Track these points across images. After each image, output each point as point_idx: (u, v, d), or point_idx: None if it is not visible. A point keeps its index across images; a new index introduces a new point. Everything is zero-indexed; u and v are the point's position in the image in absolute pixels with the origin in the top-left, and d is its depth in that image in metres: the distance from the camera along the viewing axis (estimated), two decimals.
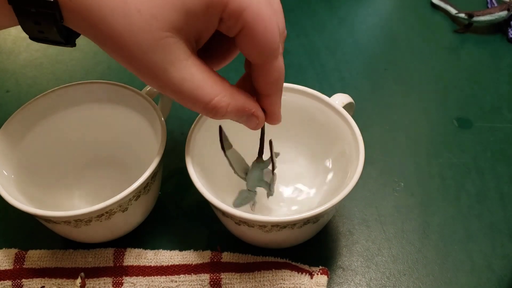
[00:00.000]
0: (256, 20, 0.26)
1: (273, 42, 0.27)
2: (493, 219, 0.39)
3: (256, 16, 0.25)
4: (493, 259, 0.37)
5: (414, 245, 0.38)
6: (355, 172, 0.32)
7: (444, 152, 0.44)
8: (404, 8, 0.62)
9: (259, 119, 0.30)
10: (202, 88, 0.27)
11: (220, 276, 0.34)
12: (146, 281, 0.35)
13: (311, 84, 0.47)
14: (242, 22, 0.26)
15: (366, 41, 0.57)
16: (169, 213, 0.40)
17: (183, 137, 0.35)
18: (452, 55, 0.55)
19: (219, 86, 0.28)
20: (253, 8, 0.25)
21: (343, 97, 0.38)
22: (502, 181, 0.42)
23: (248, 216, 0.30)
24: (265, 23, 0.26)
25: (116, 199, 0.31)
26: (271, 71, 0.28)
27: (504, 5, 0.55)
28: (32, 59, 0.54)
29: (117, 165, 0.41)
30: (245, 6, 0.25)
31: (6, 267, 0.35)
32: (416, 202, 0.41)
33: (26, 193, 0.35)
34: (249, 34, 0.26)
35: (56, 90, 0.38)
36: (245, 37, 0.26)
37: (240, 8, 0.25)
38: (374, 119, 0.48)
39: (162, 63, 0.26)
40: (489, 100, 0.49)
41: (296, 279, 0.33)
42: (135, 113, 0.38)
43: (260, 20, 0.26)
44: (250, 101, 0.30)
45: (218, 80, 0.28)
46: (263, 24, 0.26)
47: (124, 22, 0.24)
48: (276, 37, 0.27)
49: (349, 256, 0.37)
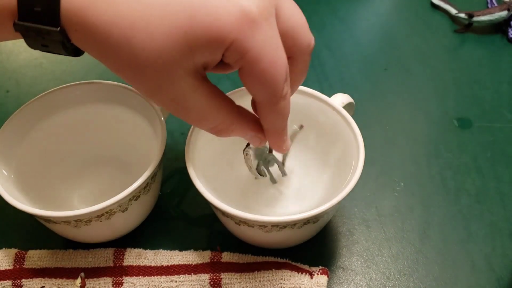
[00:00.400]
0: (257, 63, 0.25)
1: (274, 86, 0.26)
2: (493, 219, 0.39)
3: (256, 59, 0.24)
4: (493, 259, 0.37)
5: (414, 245, 0.38)
6: (355, 172, 0.32)
7: (444, 152, 0.44)
8: (404, 8, 0.62)
9: (261, 139, 0.31)
10: (208, 116, 0.28)
11: (220, 276, 0.34)
12: (146, 281, 0.35)
13: (311, 84, 0.47)
14: (243, 62, 0.25)
15: (366, 41, 0.57)
16: (169, 213, 0.40)
17: (183, 137, 0.35)
18: (452, 55, 0.55)
19: (223, 112, 0.28)
20: (255, 52, 0.24)
21: (343, 97, 0.38)
22: (502, 181, 0.42)
23: (248, 216, 0.30)
24: (266, 67, 0.25)
25: (116, 199, 0.31)
26: (271, 112, 0.28)
27: (504, 5, 0.55)
28: (32, 59, 0.54)
29: (117, 165, 0.41)
30: (248, 48, 0.24)
31: (6, 267, 0.35)
32: (416, 202, 0.41)
33: (26, 193, 0.35)
34: (249, 74, 0.25)
35: (56, 90, 0.38)
36: (246, 75, 0.26)
37: (243, 50, 0.24)
38: (374, 119, 0.48)
39: (170, 93, 0.26)
40: (489, 100, 0.49)
41: (296, 279, 0.33)
42: (135, 113, 0.38)
43: (261, 64, 0.25)
44: (253, 125, 0.30)
45: (223, 106, 0.28)
46: (262, 67, 0.25)
47: (129, 58, 0.24)
48: (278, 81, 0.26)
49: (349, 256, 0.37)
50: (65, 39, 0.25)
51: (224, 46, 0.24)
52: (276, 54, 0.25)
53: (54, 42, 0.25)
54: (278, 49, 0.25)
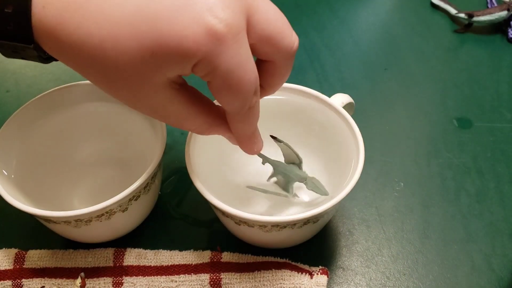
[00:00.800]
0: (226, 79, 0.25)
1: (243, 100, 0.26)
2: (493, 219, 0.39)
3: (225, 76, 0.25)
4: (493, 259, 0.37)
5: (414, 245, 0.38)
6: (355, 172, 0.32)
7: (444, 152, 0.44)
8: (404, 8, 0.62)
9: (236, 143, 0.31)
10: (186, 122, 0.28)
11: (220, 276, 0.34)
12: (146, 281, 0.35)
13: (311, 84, 0.47)
14: (211, 77, 0.25)
15: (366, 41, 0.57)
16: (169, 213, 0.40)
17: (183, 137, 0.35)
18: (452, 55, 0.55)
19: (202, 117, 0.28)
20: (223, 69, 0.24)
21: (343, 97, 0.38)
22: (502, 181, 0.42)
23: (248, 216, 0.30)
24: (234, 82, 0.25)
25: (116, 199, 0.31)
26: (239, 122, 0.28)
27: (504, 5, 0.55)
28: None
29: (117, 165, 0.41)
30: (217, 65, 0.24)
31: (6, 267, 0.35)
32: (416, 202, 0.41)
33: (26, 193, 0.35)
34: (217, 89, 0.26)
35: (56, 90, 0.38)
36: (214, 89, 0.26)
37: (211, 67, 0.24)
38: (374, 119, 0.48)
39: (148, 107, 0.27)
40: (489, 100, 0.49)
41: (296, 279, 0.33)
42: (135, 113, 0.38)
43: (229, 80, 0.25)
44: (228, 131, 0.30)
45: (201, 111, 0.28)
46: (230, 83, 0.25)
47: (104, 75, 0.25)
48: (246, 95, 0.26)
49: (349, 256, 0.37)
50: (40, 53, 0.26)
51: (191, 63, 0.24)
52: (244, 70, 0.25)
53: (31, 56, 0.26)
54: (248, 64, 0.25)
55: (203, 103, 0.29)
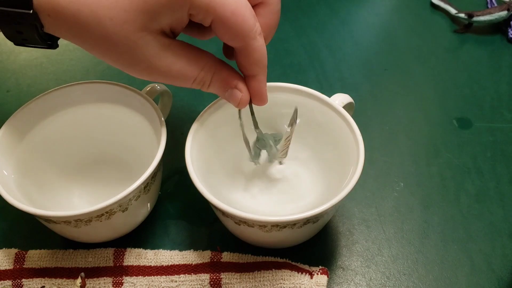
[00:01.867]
0: (224, 10, 0.27)
1: (246, 26, 0.28)
2: (493, 219, 0.39)
3: (222, 6, 0.27)
4: (493, 259, 0.37)
5: (414, 245, 0.38)
6: (355, 172, 0.32)
7: (444, 152, 0.44)
8: (404, 8, 0.62)
9: (243, 92, 0.32)
10: (188, 66, 0.29)
11: (220, 276, 0.34)
12: (146, 281, 0.35)
13: (311, 84, 0.47)
14: (211, 15, 0.27)
15: (366, 41, 0.57)
16: (169, 213, 0.40)
17: (183, 137, 0.35)
18: (452, 55, 0.55)
19: (203, 61, 0.30)
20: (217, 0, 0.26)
21: (343, 97, 0.38)
22: (502, 181, 0.42)
23: (248, 216, 0.30)
24: (232, 9, 0.27)
25: (116, 199, 0.31)
26: (251, 52, 0.29)
27: (504, 5, 0.55)
28: (32, 59, 0.54)
29: (117, 165, 0.41)
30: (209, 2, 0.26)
31: (6, 267, 0.35)
32: (416, 202, 0.41)
33: (26, 193, 0.35)
34: (220, 23, 0.27)
35: (56, 90, 0.38)
36: (218, 26, 0.28)
37: (205, 3, 0.26)
38: (374, 119, 0.48)
39: (145, 58, 0.28)
40: (489, 100, 0.49)
41: (296, 279, 0.33)
42: (135, 113, 0.38)
43: (227, 9, 0.27)
44: (234, 74, 0.31)
45: (202, 56, 0.30)
46: (230, 11, 0.27)
47: (101, 31, 0.26)
48: (248, 20, 0.28)
49: (349, 256, 0.37)
50: (37, 23, 0.27)
51: (185, 4, 0.26)
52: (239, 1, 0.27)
53: (28, 27, 0.27)
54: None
55: (203, 51, 0.30)
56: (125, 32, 0.26)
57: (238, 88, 0.31)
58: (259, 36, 0.29)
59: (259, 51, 0.30)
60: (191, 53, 0.30)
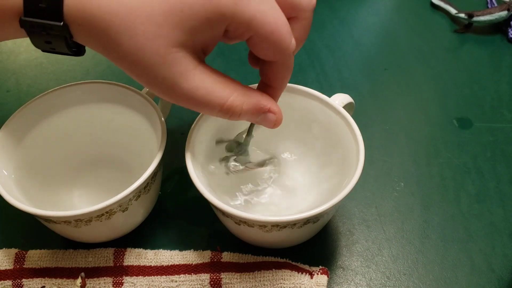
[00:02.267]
0: (264, 29, 0.26)
1: (284, 44, 0.27)
2: (493, 219, 0.39)
3: (262, 24, 0.26)
4: (493, 259, 0.37)
5: (414, 245, 0.38)
6: (355, 172, 0.32)
7: (444, 152, 0.44)
8: (404, 8, 0.62)
9: (277, 114, 0.31)
10: (214, 92, 0.28)
11: (220, 276, 0.34)
12: (146, 281, 0.35)
13: (311, 84, 0.47)
14: (251, 32, 0.26)
15: (366, 41, 0.57)
16: (169, 213, 0.40)
17: (183, 137, 0.35)
18: (452, 55, 0.55)
19: (231, 88, 0.28)
20: (258, 18, 0.26)
21: (343, 97, 0.38)
22: (502, 181, 0.42)
23: (248, 216, 0.30)
24: (272, 29, 0.26)
25: (116, 199, 0.31)
26: (283, 67, 0.29)
27: (504, 5, 0.55)
28: (32, 59, 0.54)
29: (117, 165, 0.41)
30: (251, 17, 0.26)
31: (6, 267, 0.35)
32: (416, 202, 0.41)
33: (26, 193, 0.35)
34: (259, 40, 0.27)
35: (56, 90, 0.38)
36: (256, 42, 0.27)
37: (246, 20, 0.26)
38: (374, 119, 0.48)
39: (171, 77, 0.26)
40: (489, 100, 0.49)
41: (296, 279, 0.33)
42: (135, 113, 0.38)
43: (267, 28, 0.26)
44: (264, 97, 0.30)
45: (229, 82, 0.29)
46: (270, 30, 0.26)
47: (130, 43, 0.25)
48: (286, 39, 0.27)
49: (349, 256, 0.37)
50: (67, 34, 0.26)
51: (224, 21, 0.25)
52: (276, 13, 0.27)
53: (57, 38, 0.26)
54: (276, 8, 0.27)
55: (230, 78, 0.29)
56: (156, 46, 0.25)
57: (272, 111, 0.30)
58: (292, 53, 0.29)
59: (290, 67, 0.30)
60: (219, 78, 0.28)
